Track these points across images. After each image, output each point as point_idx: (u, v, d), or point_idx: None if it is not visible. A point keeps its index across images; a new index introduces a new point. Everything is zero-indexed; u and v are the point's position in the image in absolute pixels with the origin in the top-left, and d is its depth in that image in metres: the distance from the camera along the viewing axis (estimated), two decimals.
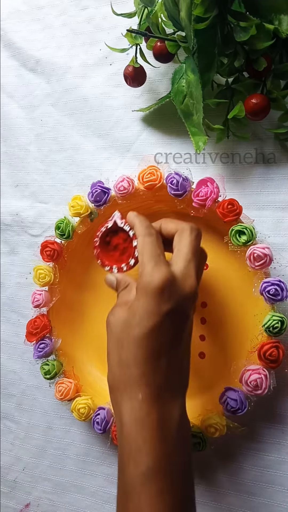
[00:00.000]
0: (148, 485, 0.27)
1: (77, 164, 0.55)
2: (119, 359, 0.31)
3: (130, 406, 0.30)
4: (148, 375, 0.30)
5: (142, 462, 0.28)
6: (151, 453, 0.28)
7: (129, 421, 0.29)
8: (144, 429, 0.28)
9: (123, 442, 0.29)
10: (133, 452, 0.28)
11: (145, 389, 0.29)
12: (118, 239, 0.41)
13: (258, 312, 0.41)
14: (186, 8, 0.37)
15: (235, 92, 0.43)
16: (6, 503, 0.57)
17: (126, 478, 0.29)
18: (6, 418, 0.58)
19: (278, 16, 0.36)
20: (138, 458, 0.28)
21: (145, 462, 0.28)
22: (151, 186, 0.44)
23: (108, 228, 0.41)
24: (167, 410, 0.30)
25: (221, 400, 0.41)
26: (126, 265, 0.40)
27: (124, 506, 0.29)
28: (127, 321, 0.32)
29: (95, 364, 0.50)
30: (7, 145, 0.59)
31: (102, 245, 0.42)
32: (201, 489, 0.46)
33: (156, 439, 0.28)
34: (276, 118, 0.43)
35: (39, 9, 0.57)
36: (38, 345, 0.47)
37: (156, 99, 0.49)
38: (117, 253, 0.41)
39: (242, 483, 0.45)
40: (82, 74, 0.54)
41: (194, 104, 0.41)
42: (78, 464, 0.53)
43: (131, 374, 0.30)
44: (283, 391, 0.43)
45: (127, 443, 0.29)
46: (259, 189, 0.46)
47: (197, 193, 0.42)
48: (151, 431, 0.28)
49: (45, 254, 0.48)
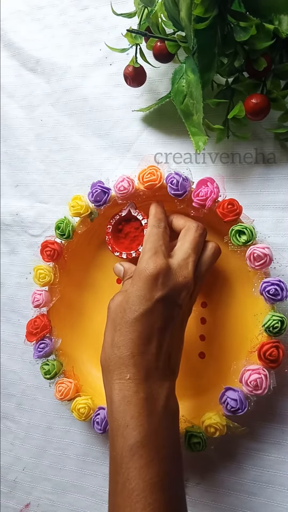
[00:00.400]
0: (136, 457, 0.29)
1: (77, 164, 0.55)
2: (112, 340, 0.34)
3: (118, 385, 0.32)
4: (136, 357, 0.32)
5: (130, 436, 0.30)
6: (138, 428, 0.30)
7: (118, 399, 0.31)
8: (131, 406, 0.30)
9: (112, 419, 0.31)
10: (121, 428, 0.30)
11: (132, 369, 0.32)
12: (130, 228, 0.46)
13: (258, 312, 0.41)
14: (186, 8, 0.37)
15: (235, 92, 0.43)
16: (6, 503, 0.57)
17: (116, 452, 0.30)
18: (6, 418, 0.58)
19: (278, 16, 0.36)
20: (126, 433, 0.30)
21: (133, 436, 0.29)
22: (151, 186, 0.44)
23: (121, 216, 0.46)
24: (154, 390, 0.32)
25: (221, 400, 0.41)
26: (135, 252, 0.45)
27: (114, 479, 0.30)
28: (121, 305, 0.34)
29: (95, 364, 0.50)
30: (7, 145, 0.59)
31: (114, 232, 0.47)
32: (201, 489, 0.46)
33: (143, 415, 0.30)
34: (276, 118, 0.43)
35: (39, 9, 0.57)
36: (38, 345, 0.47)
37: (156, 99, 0.49)
38: (127, 241, 0.46)
39: (242, 483, 0.45)
40: (82, 74, 0.54)
41: (194, 104, 0.41)
42: (78, 464, 0.53)
43: (121, 355, 0.32)
44: (283, 391, 0.43)
45: (116, 419, 0.31)
46: (259, 189, 0.46)
47: (197, 193, 0.42)
48: (138, 408, 0.30)
49: (45, 254, 0.48)
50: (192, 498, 0.47)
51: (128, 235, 0.47)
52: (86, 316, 0.52)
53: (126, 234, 0.47)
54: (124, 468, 0.29)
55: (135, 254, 0.45)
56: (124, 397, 0.31)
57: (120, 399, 0.31)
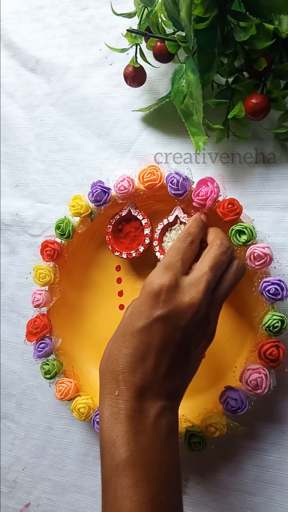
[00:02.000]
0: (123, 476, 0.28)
1: (77, 164, 0.55)
2: (109, 351, 0.33)
3: (108, 401, 0.31)
4: (126, 373, 0.31)
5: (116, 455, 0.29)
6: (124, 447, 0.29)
7: (107, 415, 0.30)
8: (118, 424, 0.29)
9: (101, 435, 0.31)
10: (108, 445, 0.29)
11: (122, 385, 0.30)
12: (130, 227, 0.46)
13: (258, 312, 0.41)
14: (186, 8, 0.37)
15: (235, 92, 0.43)
16: (6, 503, 0.57)
17: (105, 470, 0.30)
18: (6, 418, 0.58)
19: (278, 16, 0.36)
20: (112, 451, 0.29)
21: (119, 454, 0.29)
22: (151, 186, 0.44)
23: (121, 216, 0.46)
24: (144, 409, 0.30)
25: (221, 399, 0.41)
26: (135, 252, 0.45)
27: (104, 497, 0.30)
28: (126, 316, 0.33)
29: (95, 364, 0.50)
30: (7, 145, 0.59)
31: (114, 232, 0.47)
32: (201, 489, 0.46)
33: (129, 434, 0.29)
34: (276, 118, 0.43)
35: (39, 9, 0.57)
36: (38, 345, 0.47)
37: (156, 99, 0.50)
38: (127, 241, 0.47)
39: (242, 483, 0.45)
40: (82, 74, 0.54)
41: (194, 104, 0.41)
42: (78, 464, 0.53)
43: (113, 369, 0.31)
44: (283, 391, 0.43)
45: (104, 436, 0.30)
46: (259, 189, 0.46)
47: (197, 192, 0.42)
48: (124, 426, 0.29)
49: (45, 254, 0.48)
50: (192, 498, 0.47)
51: (128, 235, 0.47)
52: (86, 316, 0.52)
53: (126, 234, 0.47)
54: (112, 486, 0.28)
55: (135, 254, 0.45)
56: (112, 413, 0.30)
57: (108, 415, 0.30)
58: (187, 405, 0.44)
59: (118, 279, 0.50)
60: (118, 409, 0.30)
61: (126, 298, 0.50)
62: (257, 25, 0.36)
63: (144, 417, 0.30)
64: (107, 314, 0.50)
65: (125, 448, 0.29)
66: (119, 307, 0.50)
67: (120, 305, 0.50)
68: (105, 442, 0.30)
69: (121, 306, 0.50)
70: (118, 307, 0.50)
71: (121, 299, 0.50)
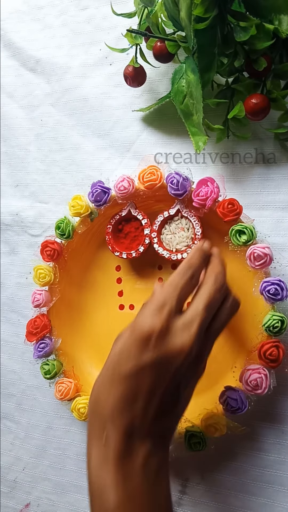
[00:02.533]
0: None
1: (77, 164, 0.55)
2: (97, 395, 0.31)
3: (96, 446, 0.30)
4: (115, 418, 0.30)
5: (105, 502, 0.28)
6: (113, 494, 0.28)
7: (94, 461, 0.30)
8: (105, 471, 0.29)
9: (90, 482, 0.30)
10: (97, 492, 0.29)
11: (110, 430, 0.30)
12: (130, 227, 0.47)
13: (258, 312, 0.41)
14: (186, 8, 0.37)
15: (235, 92, 0.43)
16: (6, 503, 0.57)
17: None
18: (6, 418, 0.58)
19: (278, 16, 0.36)
20: (102, 498, 0.29)
21: (108, 501, 0.28)
22: (151, 186, 0.44)
23: (121, 216, 0.46)
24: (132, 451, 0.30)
25: (221, 399, 0.41)
26: (135, 252, 0.45)
27: None
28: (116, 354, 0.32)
29: (95, 364, 0.50)
30: (7, 145, 0.59)
31: (114, 232, 0.47)
32: (201, 489, 0.46)
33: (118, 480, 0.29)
34: (276, 118, 0.43)
35: (39, 9, 0.57)
36: (38, 345, 0.47)
37: (156, 99, 0.50)
38: (127, 241, 0.47)
39: (242, 483, 0.45)
40: (82, 74, 0.54)
41: (194, 104, 0.41)
42: (78, 464, 0.53)
43: (101, 414, 0.30)
44: (283, 391, 0.43)
45: (93, 482, 0.30)
46: (259, 189, 0.46)
47: (197, 192, 0.42)
48: (112, 473, 0.29)
49: (45, 254, 0.48)
50: (192, 498, 0.47)
51: (128, 235, 0.47)
52: (86, 316, 0.52)
53: (126, 234, 0.47)
54: None
55: (135, 254, 0.45)
56: (100, 459, 0.29)
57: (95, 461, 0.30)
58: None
59: (118, 279, 0.50)
60: (106, 454, 0.29)
61: (126, 298, 0.50)
62: (257, 25, 0.36)
63: (133, 460, 0.29)
64: (107, 314, 0.50)
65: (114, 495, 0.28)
66: (119, 307, 0.50)
67: (120, 305, 0.50)
68: (93, 489, 0.30)
69: (121, 306, 0.50)
70: (118, 307, 0.50)
71: (121, 299, 0.50)
